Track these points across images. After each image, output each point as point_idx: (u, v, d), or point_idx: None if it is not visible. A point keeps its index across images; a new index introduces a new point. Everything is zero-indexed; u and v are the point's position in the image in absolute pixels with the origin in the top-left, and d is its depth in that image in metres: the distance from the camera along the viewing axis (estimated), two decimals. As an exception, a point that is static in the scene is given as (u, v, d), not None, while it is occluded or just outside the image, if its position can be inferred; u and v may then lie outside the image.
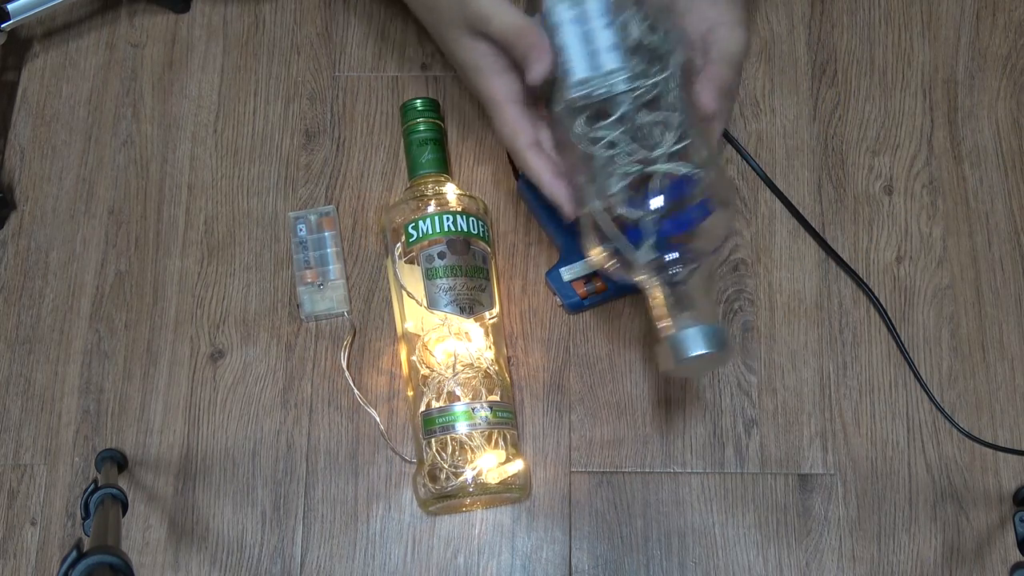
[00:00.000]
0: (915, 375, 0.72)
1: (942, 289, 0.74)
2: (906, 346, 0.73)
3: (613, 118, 0.57)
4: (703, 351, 0.55)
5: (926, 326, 0.73)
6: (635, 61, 0.57)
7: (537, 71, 0.58)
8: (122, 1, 0.83)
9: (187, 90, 0.81)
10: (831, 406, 0.72)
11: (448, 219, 0.70)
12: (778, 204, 0.76)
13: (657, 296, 0.58)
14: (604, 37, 0.57)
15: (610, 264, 0.58)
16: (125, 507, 0.59)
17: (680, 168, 0.56)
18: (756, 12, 0.81)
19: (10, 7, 0.77)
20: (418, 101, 0.74)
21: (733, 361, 0.73)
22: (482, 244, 0.71)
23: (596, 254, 0.59)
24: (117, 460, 0.71)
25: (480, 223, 0.71)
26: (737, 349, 0.73)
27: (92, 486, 0.60)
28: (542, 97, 0.62)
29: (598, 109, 0.57)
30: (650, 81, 0.57)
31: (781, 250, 0.75)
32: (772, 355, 0.73)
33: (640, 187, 0.56)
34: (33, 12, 0.78)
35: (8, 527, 0.71)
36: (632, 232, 0.56)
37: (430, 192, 0.72)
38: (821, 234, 0.75)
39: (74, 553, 0.48)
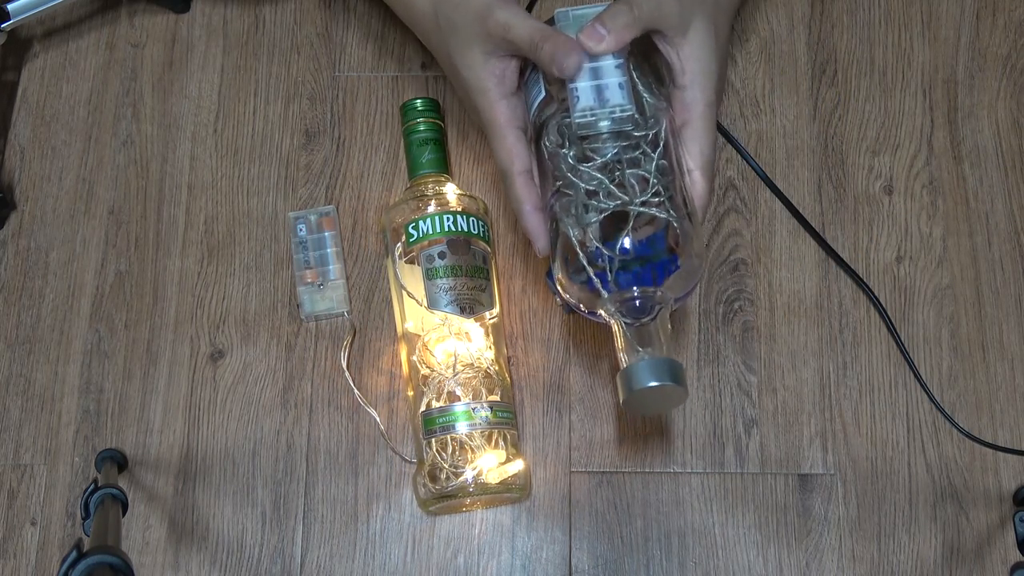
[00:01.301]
0: (915, 375, 0.72)
1: (942, 289, 0.74)
2: (906, 346, 0.73)
3: (599, 161, 0.58)
4: (653, 383, 0.56)
5: (926, 326, 0.73)
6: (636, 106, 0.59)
7: (572, 64, 0.58)
8: (122, 1, 0.83)
9: (187, 90, 0.81)
10: (831, 406, 0.72)
11: (448, 219, 0.70)
12: (778, 204, 0.76)
13: (617, 331, 0.59)
14: (614, 74, 0.59)
15: (577, 297, 0.60)
16: (125, 507, 0.59)
17: (655, 212, 0.57)
18: (756, 13, 0.81)
19: (10, 7, 0.77)
20: (418, 101, 0.74)
21: (733, 361, 0.73)
22: (482, 244, 0.71)
23: (564, 286, 0.60)
24: (117, 460, 0.70)
25: (480, 223, 0.71)
26: (737, 349, 0.73)
27: (92, 486, 0.60)
28: (533, 134, 0.63)
29: (586, 153, 0.59)
30: (645, 131, 0.59)
31: (781, 250, 0.75)
32: (772, 355, 0.73)
33: (615, 227, 0.58)
34: (33, 12, 0.78)
35: (8, 527, 0.71)
36: (600, 270, 0.58)
37: (430, 192, 0.72)
38: (821, 234, 0.75)
39: (74, 553, 0.48)
